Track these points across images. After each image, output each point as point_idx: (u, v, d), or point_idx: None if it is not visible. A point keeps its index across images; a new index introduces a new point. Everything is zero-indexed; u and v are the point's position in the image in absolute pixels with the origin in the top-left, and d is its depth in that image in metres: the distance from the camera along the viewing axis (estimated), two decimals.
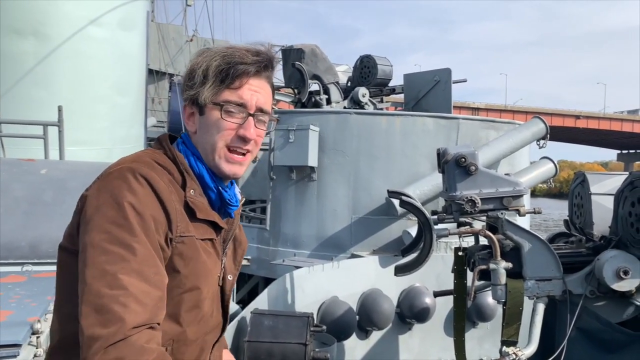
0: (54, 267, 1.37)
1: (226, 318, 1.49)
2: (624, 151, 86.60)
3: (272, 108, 1.49)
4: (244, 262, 5.75)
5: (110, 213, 1.17)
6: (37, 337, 2.10)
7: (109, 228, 1.15)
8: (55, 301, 1.35)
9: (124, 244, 1.14)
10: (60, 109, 5.77)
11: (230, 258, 1.52)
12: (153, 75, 17.09)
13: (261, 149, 7.43)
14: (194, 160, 1.37)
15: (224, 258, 1.46)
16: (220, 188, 1.41)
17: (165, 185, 1.25)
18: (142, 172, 1.22)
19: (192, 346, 1.34)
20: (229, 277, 1.48)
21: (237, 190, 1.55)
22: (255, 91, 1.38)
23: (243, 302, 5.02)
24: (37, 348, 2.07)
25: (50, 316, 2.34)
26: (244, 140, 1.37)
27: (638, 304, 2.63)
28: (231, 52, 1.35)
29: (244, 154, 1.39)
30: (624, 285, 2.57)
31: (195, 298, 1.30)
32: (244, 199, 1.64)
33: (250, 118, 1.37)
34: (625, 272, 2.54)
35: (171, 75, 18.11)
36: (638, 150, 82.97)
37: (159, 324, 1.18)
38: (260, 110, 1.40)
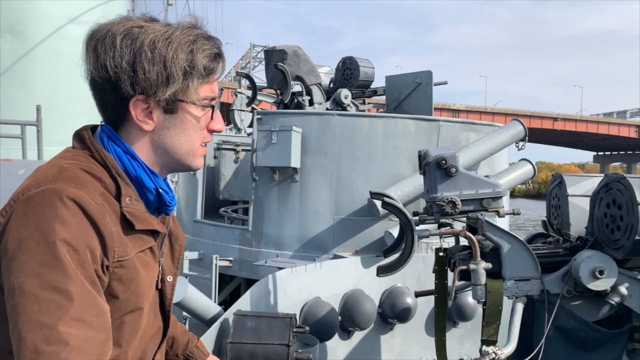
0: None
1: (166, 322, 1.38)
2: (599, 153, 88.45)
3: (253, 111, 1.44)
4: (226, 264, 5.70)
5: (38, 251, 1.01)
6: None
7: (39, 270, 1.00)
8: None
9: (57, 289, 1.00)
10: (38, 109, 5.68)
11: (168, 256, 1.38)
12: None
13: (244, 150, 7.40)
14: (128, 161, 1.21)
15: (161, 259, 1.33)
16: (160, 189, 1.26)
17: (98, 207, 1.08)
18: (71, 194, 1.05)
19: None
20: (168, 279, 1.35)
21: (169, 181, 1.39)
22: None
23: (225, 304, 5.00)
24: None
25: None
26: (217, 132, 1.33)
27: (613, 303, 2.69)
28: (195, 44, 1.21)
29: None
30: (600, 285, 2.63)
31: (136, 318, 1.22)
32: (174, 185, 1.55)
33: (218, 111, 1.30)
34: (601, 272, 2.60)
35: None
36: (614, 152, 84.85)
37: None
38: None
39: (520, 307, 2.73)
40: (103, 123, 1.28)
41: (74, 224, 1.04)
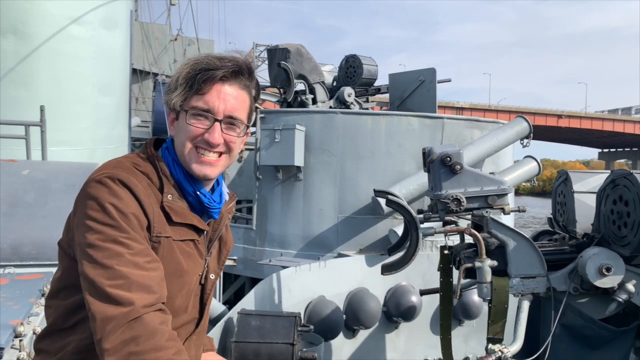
0: (37, 269, 1.42)
1: (202, 314, 1.53)
2: (604, 150, 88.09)
3: (256, 110, 1.50)
4: (230, 263, 5.72)
5: (98, 215, 1.27)
6: (20, 340, 2.06)
7: (101, 228, 1.26)
8: (50, 290, 1.46)
9: (116, 241, 1.25)
10: (42, 109, 5.68)
11: (215, 258, 1.56)
12: (137, 74, 16.92)
13: (247, 149, 7.42)
14: (172, 165, 1.44)
15: (208, 258, 1.52)
16: (198, 192, 1.45)
17: (143, 189, 1.33)
18: (121, 177, 1.31)
19: None
20: (211, 276, 1.54)
21: (225, 190, 1.59)
22: (224, 98, 1.41)
23: (229, 303, 4.99)
24: (20, 351, 2.04)
25: (32, 319, 2.31)
26: (210, 144, 1.40)
27: (620, 300, 2.67)
28: (202, 59, 1.41)
29: (218, 155, 1.44)
30: (607, 282, 2.61)
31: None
32: (236, 198, 1.69)
33: (217, 124, 1.40)
34: (608, 269, 2.58)
35: (155, 74, 17.94)
36: (619, 149, 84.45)
37: (164, 303, 1.28)
38: (230, 116, 1.42)
39: (526, 304, 2.71)
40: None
41: (124, 198, 1.29)
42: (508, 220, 4.22)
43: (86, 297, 1.23)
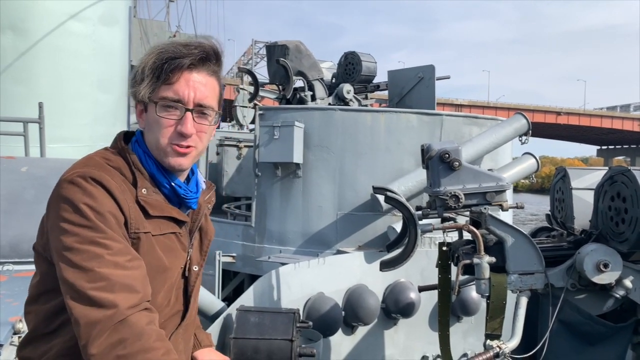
0: (34, 259, 1.40)
1: (187, 307, 1.51)
2: (603, 147, 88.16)
3: (255, 107, 1.49)
4: (229, 260, 5.71)
5: (73, 217, 1.23)
6: (19, 337, 2.07)
7: (76, 230, 1.22)
8: (28, 295, 1.42)
9: (94, 242, 1.21)
10: (41, 106, 5.67)
11: (197, 249, 1.54)
12: None
13: (246, 146, 7.40)
14: (144, 158, 1.40)
15: (190, 249, 1.50)
16: (173, 183, 1.42)
17: (116, 185, 1.29)
18: (93, 174, 1.27)
19: None
20: (195, 268, 1.52)
21: (201, 179, 1.55)
22: (193, 86, 1.37)
23: (228, 300, 5.00)
24: None
25: None
26: (183, 136, 1.37)
27: (618, 296, 2.68)
28: (167, 47, 1.38)
29: (187, 147, 1.39)
30: (604, 278, 2.62)
31: None
32: (214, 187, 1.65)
33: (188, 114, 1.36)
34: (605, 265, 2.59)
35: None
36: (617, 146, 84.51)
37: (149, 301, 1.25)
38: (200, 105, 1.38)
39: (524, 301, 2.72)
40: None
41: (97, 196, 1.25)
42: (506, 216, 4.22)
43: (67, 302, 1.19)
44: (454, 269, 2.87)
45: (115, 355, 1.12)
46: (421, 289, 3.48)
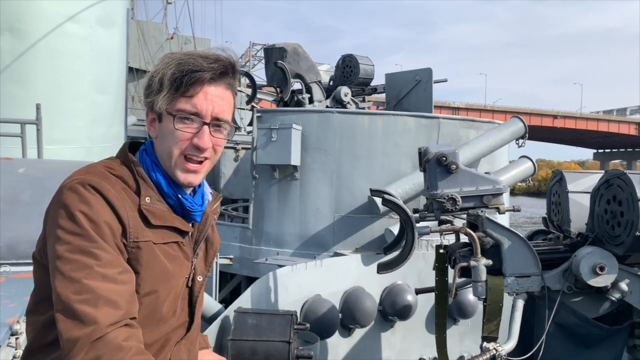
0: (32, 268, 1.39)
1: (192, 317, 1.50)
2: (599, 150, 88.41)
3: (253, 110, 1.49)
4: (227, 262, 5.70)
5: (67, 224, 1.23)
6: (16, 339, 2.07)
7: (69, 238, 1.22)
8: (27, 305, 1.41)
9: (84, 252, 1.21)
10: (38, 107, 5.66)
11: (202, 259, 1.53)
12: (133, 73, 16.85)
13: (244, 148, 7.39)
14: (151, 168, 1.39)
15: (195, 259, 1.48)
16: (180, 196, 1.41)
17: (116, 193, 1.28)
18: (92, 182, 1.27)
19: (151, 346, 1.36)
20: (199, 278, 1.49)
21: (207, 191, 1.55)
22: (211, 100, 1.37)
23: (226, 302, 5.00)
24: (15, 349, 2.04)
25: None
26: (199, 149, 1.36)
27: (613, 299, 2.69)
28: (187, 59, 1.35)
29: (200, 162, 1.39)
30: (600, 281, 2.63)
31: (153, 302, 1.33)
32: (220, 198, 1.65)
33: (205, 127, 1.36)
34: (601, 268, 2.60)
35: None
36: (614, 150, 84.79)
37: (134, 318, 1.23)
38: (217, 118, 1.38)
39: (520, 303, 2.73)
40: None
41: (94, 205, 1.24)
42: (503, 219, 4.24)
43: (55, 313, 1.20)
44: (450, 272, 2.88)
45: None
46: (418, 292, 3.49)
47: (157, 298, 1.33)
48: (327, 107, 6.44)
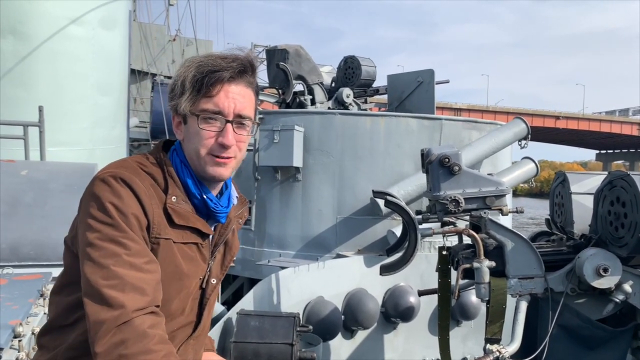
0: (35, 270, 1.44)
1: (201, 318, 1.52)
2: (602, 151, 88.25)
3: (257, 110, 1.52)
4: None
5: (98, 214, 1.28)
6: (19, 341, 2.07)
7: (100, 227, 1.27)
8: (53, 287, 1.47)
9: (114, 241, 1.25)
10: (41, 109, 5.67)
11: (218, 262, 1.55)
12: (135, 75, 16.90)
13: (246, 149, 7.41)
14: (180, 168, 1.44)
15: (212, 262, 1.50)
16: (205, 196, 1.45)
17: (144, 189, 1.33)
18: (123, 176, 1.32)
19: None
20: (213, 281, 1.52)
21: (234, 194, 1.59)
22: (233, 98, 1.41)
23: (228, 303, 5.00)
24: (19, 351, 2.04)
25: (31, 319, 2.31)
26: (224, 147, 1.40)
27: (617, 301, 2.68)
28: (206, 61, 1.39)
29: (228, 157, 1.42)
30: (604, 283, 2.62)
31: (162, 297, 1.35)
32: (247, 203, 1.67)
33: (229, 125, 1.40)
34: (605, 270, 2.59)
35: (154, 75, 17.92)
36: (616, 151, 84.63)
37: (159, 306, 1.28)
38: (239, 115, 1.42)
39: (524, 305, 2.72)
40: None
41: (124, 197, 1.29)
42: (506, 221, 4.23)
43: (83, 297, 1.24)
44: (453, 273, 2.87)
45: (117, 354, 1.17)
46: (421, 293, 3.48)
47: (167, 294, 1.36)
48: (329, 108, 6.43)
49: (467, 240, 2.89)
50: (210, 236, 1.49)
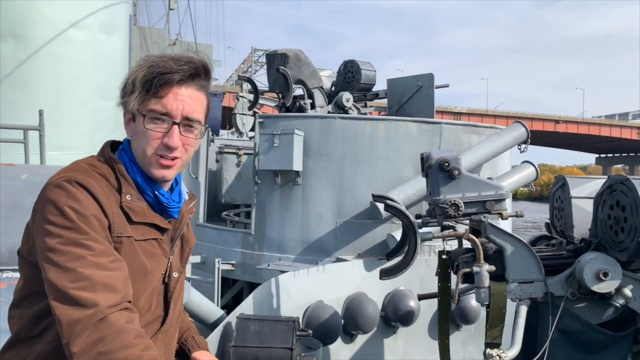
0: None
1: (167, 312, 1.54)
2: (602, 155, 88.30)
3: (255, 115, 1.54)
4: (229, 267, 5.70)
5: (57, 219, 1.27)
6: None
7: (60, 232, 1.26)
8: (12, 301, 1.45)
9: (77, 243, 1.25)
10: (41, 113, 5.68)
11: (177, 256, 1.59)
12: None
13: (246, 154, 7.40)
14: (130, 166, 1.45)
15: (171, 256, 1.54)
16: (157, 192, 1.47)
17: (101, 190, 1.35)
18: (78, 179, 1.32)
19: None
20: (175, 275, 1.55)
21: (184, 190, 1.62)
22: (182, 100, 1.42)
23: (228, 307, 4.99)
24: None
25: None
26: (169, 148, 1.42)
27: (617, 305, 2.68)
28: (158, 62, 1.41)
29: (173, 158, 1.44)
30: (604, 287, 2.62)
31: None
32: (196, 198, 1.71)
33: (175, 127, 1.41)
34: (605, 274, 2.59)
35: None
36: (616, 155, 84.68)
37: (130, 301, 1.29)
38: (187, 118, 1.43)
39: (524, 309, 2.72)
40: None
41: (82, 199, 1.29)
42: (506, 225, 4.23)
43: (51, 302, 1.23)
44: (453, 278, 2.87)
45: (96, 352, 1.16)
46: (421, 297, 3.47)
47: (133, 292, 1.36)
48: (329, 112, 6.44)
49: (467, 244, 2.89)
50: (167, 231, 1.52)
